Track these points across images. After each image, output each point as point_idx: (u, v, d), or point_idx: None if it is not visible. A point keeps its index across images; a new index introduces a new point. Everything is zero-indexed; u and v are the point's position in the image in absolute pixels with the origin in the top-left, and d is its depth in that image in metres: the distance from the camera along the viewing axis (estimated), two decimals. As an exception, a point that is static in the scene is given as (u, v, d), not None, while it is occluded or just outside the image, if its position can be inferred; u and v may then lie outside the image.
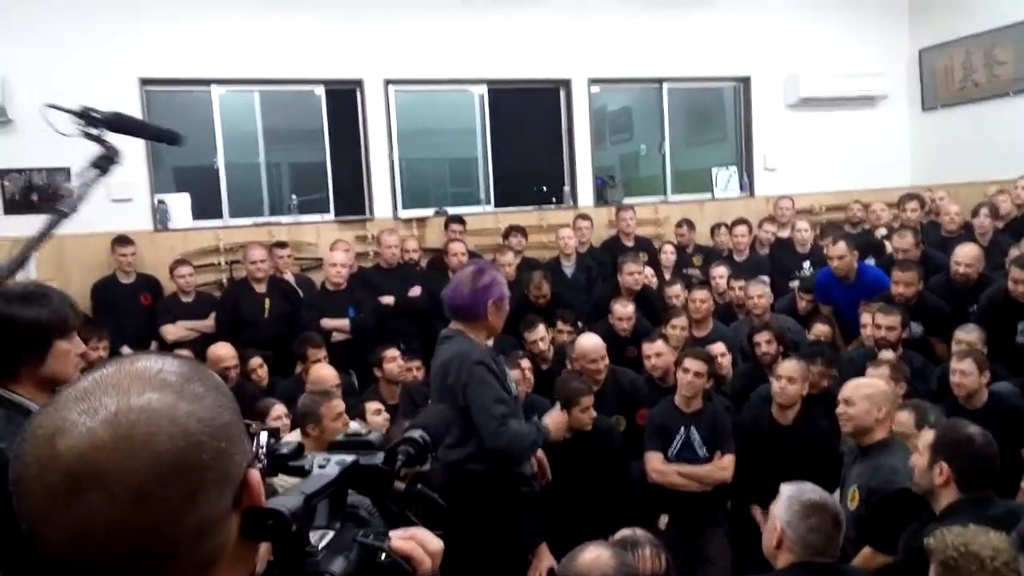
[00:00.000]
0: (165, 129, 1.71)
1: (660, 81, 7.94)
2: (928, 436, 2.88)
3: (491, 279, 3.21)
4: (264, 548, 0.80)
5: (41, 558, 0.67)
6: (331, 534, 0.88)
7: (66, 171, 6.11)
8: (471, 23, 7.12)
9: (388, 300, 6.01)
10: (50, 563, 0.66)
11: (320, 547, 0.84)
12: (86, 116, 1.45)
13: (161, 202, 6.48)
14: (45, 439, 0.66)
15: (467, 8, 7.10)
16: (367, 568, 0.85)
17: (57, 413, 0.68)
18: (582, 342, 4.75)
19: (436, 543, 0.92)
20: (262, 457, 0.95)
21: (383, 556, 0.86)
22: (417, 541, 0.90)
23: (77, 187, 1.41)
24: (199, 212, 6.63)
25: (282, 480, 0.98)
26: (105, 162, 1.47)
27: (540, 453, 3.55)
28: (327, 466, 0.95)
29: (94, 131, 1.45)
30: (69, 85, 5.99)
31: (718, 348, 5.10)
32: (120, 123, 1.51)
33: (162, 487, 0.66)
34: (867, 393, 3.46)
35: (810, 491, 2.49)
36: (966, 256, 5.20)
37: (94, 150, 1.46)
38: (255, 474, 0.76)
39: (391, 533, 0.90)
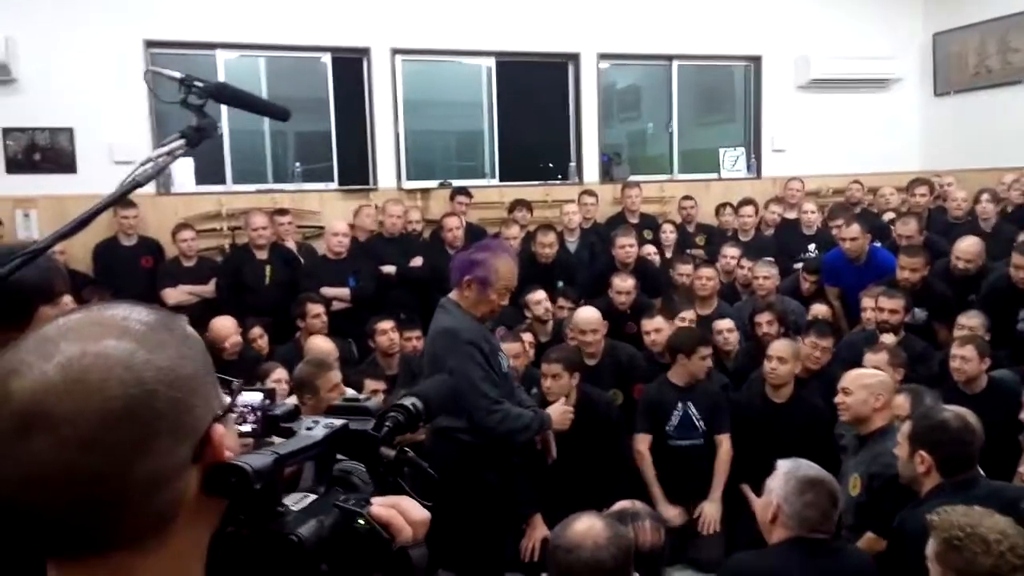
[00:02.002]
0: (273, 104, 1.59)
1: (670, 58, 7.86)
2: (906, 427, 2.87)
3: (482, 259, 3.11)
4: None
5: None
6: (313, 497, 0.86)
7: (69, 131, 6.08)
8: (481, -7, 7.04)
9: (389, 270, 5.99)
10: (4, 509, 0.66)
11: (296, 509, 0.83)
12: (188, 84, 1.39)
13: (164, 166, 6.43)
14: (0, 380, 0.66)
15: (477, -22, 7.02)
16: (344, 534, 0.84)
17: (16, 355, 0.68)
18: (578, 313, 4.77)
19: (420, 512, 0.89)
20: (247, 415, 0.94)
21: (361, 522, 0.84)
22: (399, 510, 0.87)
23: (158, 155, 1.35)
24: (202, 177, 6.59)
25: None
26: (196, 134, 1.39)
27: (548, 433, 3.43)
28: (314, 428, 0.94)
29: (197, 100, 1.39)
30: (74, 45, 5.96)
31: (725, 324, 5.09)
32: (225, 94, 1.43)
33: (111, 433, 0.65)
34: (865, 383, 3.48)
35: (807, 467, 2.48)
36: (966, 251, 5.11)
37: (190, 119, 1.39)
38: (219, 428, 0.73)
39: (373, 500, 0.88)
